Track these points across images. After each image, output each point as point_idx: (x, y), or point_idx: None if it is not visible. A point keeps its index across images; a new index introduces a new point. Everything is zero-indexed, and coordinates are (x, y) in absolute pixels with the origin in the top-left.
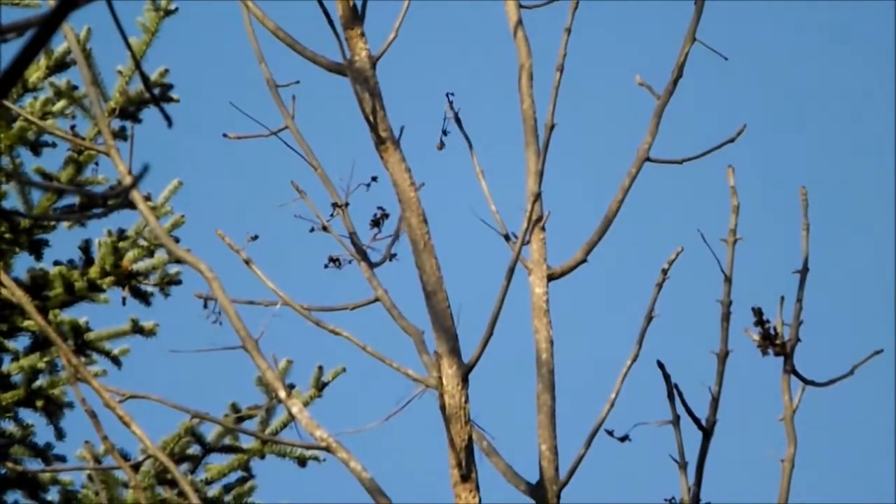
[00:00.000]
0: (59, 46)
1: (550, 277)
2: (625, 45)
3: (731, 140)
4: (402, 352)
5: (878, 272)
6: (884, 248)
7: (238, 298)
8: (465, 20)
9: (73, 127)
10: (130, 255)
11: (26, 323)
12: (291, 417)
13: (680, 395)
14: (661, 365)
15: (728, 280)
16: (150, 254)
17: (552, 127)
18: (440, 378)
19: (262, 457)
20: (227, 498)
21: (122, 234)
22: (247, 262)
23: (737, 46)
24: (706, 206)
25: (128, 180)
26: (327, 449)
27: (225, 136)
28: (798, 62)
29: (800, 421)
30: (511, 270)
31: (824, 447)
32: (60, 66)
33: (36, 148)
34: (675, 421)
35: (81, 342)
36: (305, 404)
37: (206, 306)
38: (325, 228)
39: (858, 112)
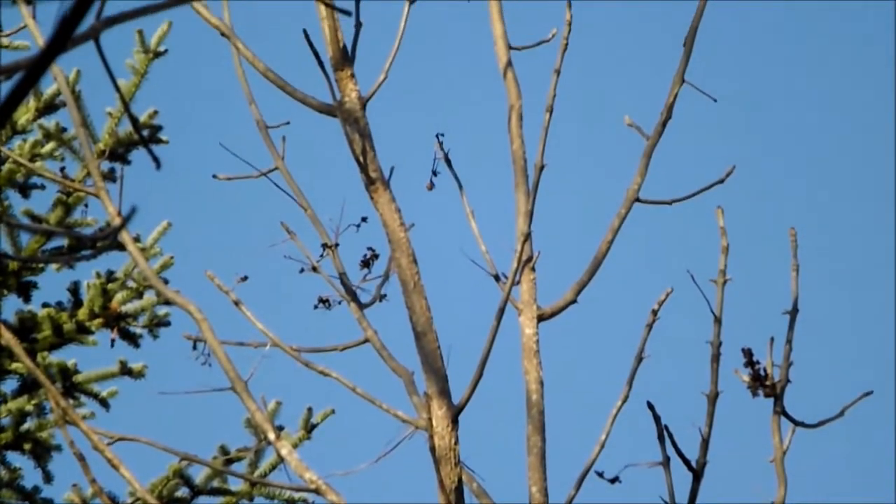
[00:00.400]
0: (48, 88)
1: (540, 318)
2: (615, 87)
3: (721, 181)
4: (392, 393)
5: (869, 313)
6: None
7: (227, 340)
8: (455, 61)
9: (62, 169)
10: (119, 296)
11: (14, 365)
12: (280, 459)
13: (670, 436)
14: (651, 406)
15: (718, 321)
16: (139, 295)
17: (542, 167)
18: (430, 419)
19: (251, 499)
20: None
21: (110, 276)
22: (236, 303)
23: (726, 88)
24: (696, 247)
25: (117, 222)
26: (316, 491)
27: (214, 177)
28: (788, 103)
29: (790, 462)
30: (501, 311)
31: (814, 489)
32: (50, 107)
33: (25, 190)
34: (666, 462)
35: (70, 384)
36: (294, 446)
37: (195, 348)
38: (314, 269)
39: (850, 153)
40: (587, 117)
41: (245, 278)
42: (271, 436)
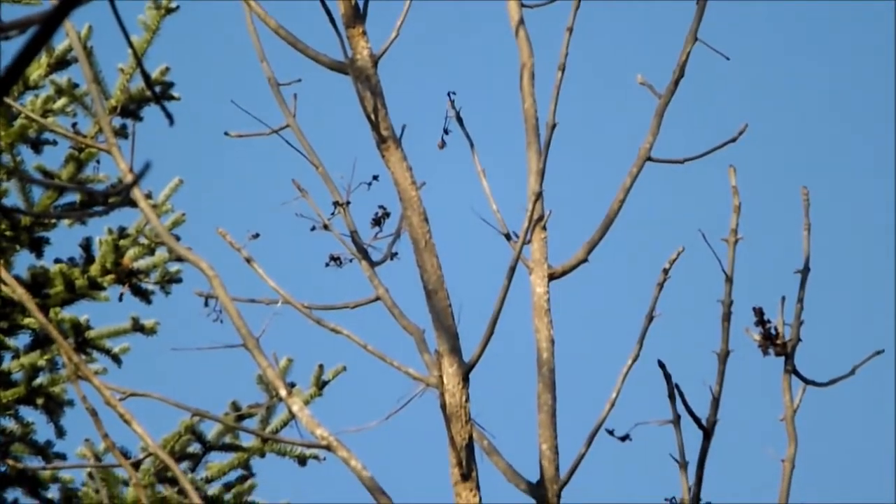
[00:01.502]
0: (60, 44)
1: (551, 277)
2: (627, 45)
3: (733, 140)
4: (403, 351)
5: (879, 272)
6: (884, 248)
7: (239, 297)
8: (467, 19)
9: (74, 125)
10: (131, 252)
11: (27, 321)
12: (292, 416)
13: (681, 394)
14: (661, 365)
15: (729, 280)
16: (151, 252)
17: (553, 126)
18: (441, 377)
19: (263, 455)
20: (228, 496)
21: (122, 233)
22: (248, 260)
23: (739, 46)
24: (707, 206)
25: (129, 178)
26: (328, 447)
27: (226, 134)
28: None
29: (800, 420)
30: (512, 270)
31: (825, 447)
32: (62, 63)
33: (37, 146)
34: (676, 420)
35: (82, 340)
36: (306, 403)
37: (206, 304)
38: (326, 227)
39: (860, 110)
40: (599, 76)
41: (257, 235)
42: (283, 392)
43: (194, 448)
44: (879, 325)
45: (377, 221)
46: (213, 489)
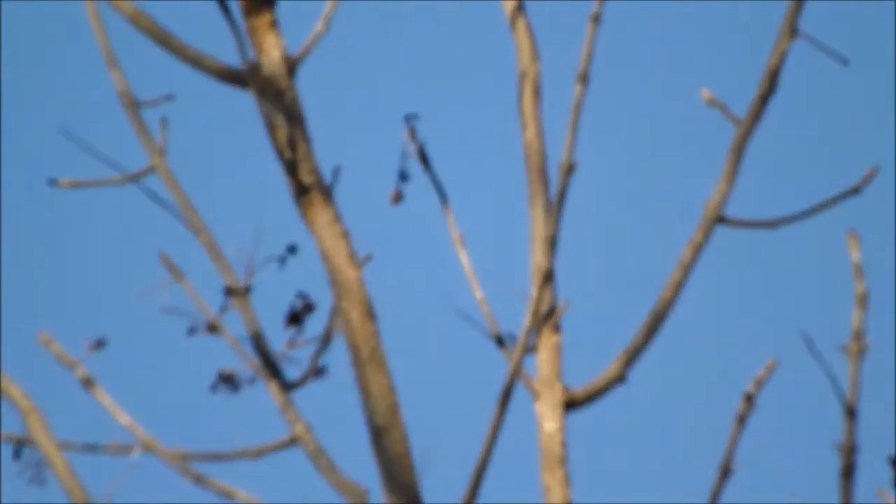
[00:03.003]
0: None
1: (569, 405)
2: (675, 47)
3: (855, 190)
4: None
5: None
6: None
7: (71, 442)
8: (438, 5)
9: None
10: None
11: None
12: None
13: None
14: None
15: (851, 413)
16: None
17: (570, 168)
18: None
19: None
20: None
21: None
22: (86, 382)
23: (856, 46)
24: (807, 291)
25: None
26: None
27: (53, 182)
28: None
29: None
30: (506, 394)
31: None
32: None
33: None
34: None
35: None
36: None
37: (18, 455)
38: (213, 328)
39: None
40: (638, 91)
41: (101, 343)
42: None
43: None
44: None
45: (295, 318)
46: None
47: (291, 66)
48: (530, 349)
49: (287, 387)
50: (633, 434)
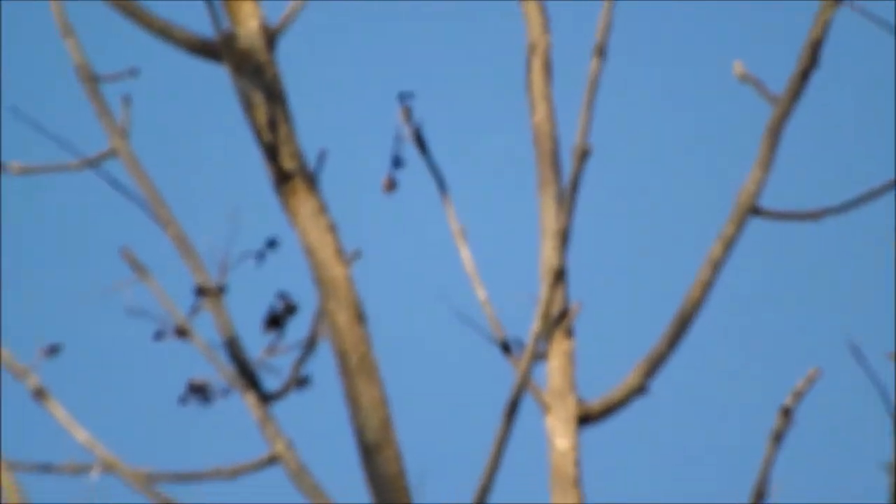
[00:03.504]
0: None
1: (584, 419)
2: (703, 16)
3: None
4: None
5: None
6: None
7: (21, 461)
8: None
9: None
10: None
11: None
12: None
13: None
14: None
15: None
16: None
17: (585, 153)
18: None
19: None
20: None
21: None
22: (38, 393)
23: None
24: (851, 291)
25: None
26: None
27: (1, 167)
28: None
29: None
30: (512, 406)
31: None
32: None
33: None
34: None
35: None
36: None
37: None
38: (182, 332)
39: None
40: (659, 67)
41: (55, 349)
42: None
43: None
44: None
45: (275, 321)
46: None
47: (271, 37)
48: (540, 356)
49: (266, 398)
50: (655, 452)
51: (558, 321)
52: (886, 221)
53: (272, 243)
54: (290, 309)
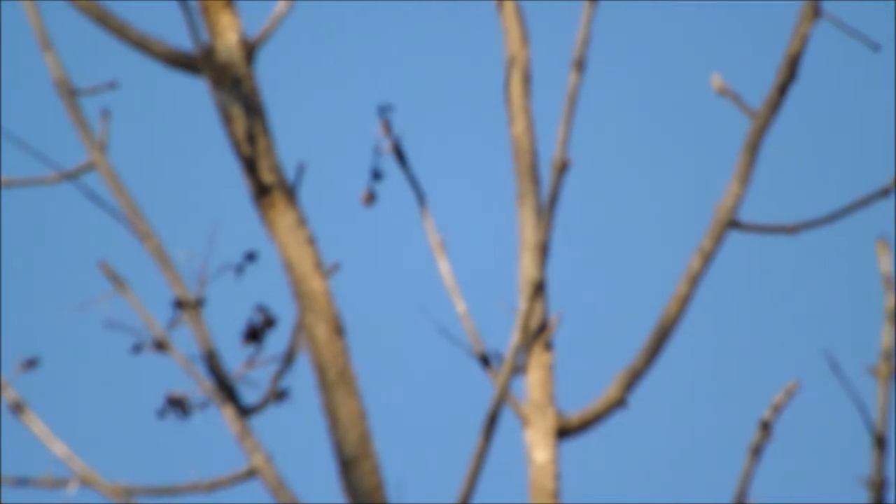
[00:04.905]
0: None
1: (563, 432)
2: (682, 30)
3: (885, 191)
4: None
5: None
6: None
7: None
8: None
9: None
10: None
11: None
12: None
13: None
14: None
15: (881, 443)
16: None
17: (564, 166)
18: None
19: None
20: None
21: None
22: (16, 406)
23: (887, 29)
24: (830, 305)
25: None
26: None
27: None
28: None
29: None
30: (491, 420)
31: None
32: None
33: None
34: None
35: None
36: None
37: None
38: (161, 345)
39: None
40: (637, 80)
41: (32, 363)
42: None
43: None
44: None
45: (253, 335)
46: None
47: (250, 50)
48: (519, 369)
49: (244, 412)
50: (634, 465)
51: (538, 334)
52: (865, 235)
53: (251, 256)
54: (269, 322)
